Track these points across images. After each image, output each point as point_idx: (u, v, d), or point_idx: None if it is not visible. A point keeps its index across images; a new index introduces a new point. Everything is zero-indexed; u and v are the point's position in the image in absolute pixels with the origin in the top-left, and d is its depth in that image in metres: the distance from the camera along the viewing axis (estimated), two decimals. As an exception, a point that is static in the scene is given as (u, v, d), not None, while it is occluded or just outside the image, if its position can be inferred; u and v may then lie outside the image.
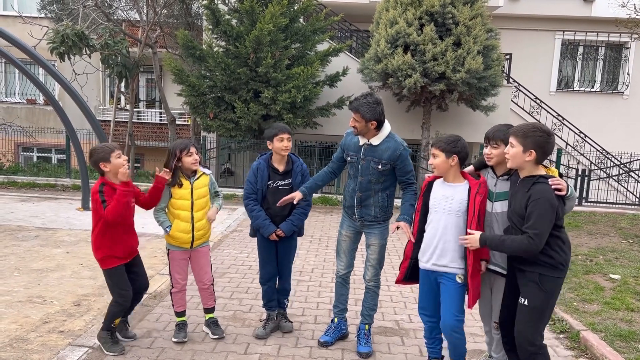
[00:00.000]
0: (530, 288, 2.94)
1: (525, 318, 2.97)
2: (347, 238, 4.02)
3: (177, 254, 4.03)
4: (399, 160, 3.72)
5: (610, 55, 16.06)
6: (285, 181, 4.09)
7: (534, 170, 2.91)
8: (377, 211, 3.85)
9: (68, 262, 6.00)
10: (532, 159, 2.86)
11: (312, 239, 7.80)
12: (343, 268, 4.06)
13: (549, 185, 2.83)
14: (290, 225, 4.10)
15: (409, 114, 12.47)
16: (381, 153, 3.71)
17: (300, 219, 4.16)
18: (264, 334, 4.19)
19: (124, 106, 17.31)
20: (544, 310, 2.95)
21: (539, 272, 2.91)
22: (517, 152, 2.88)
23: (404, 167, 3.76)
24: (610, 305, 5.04)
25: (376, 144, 3.72)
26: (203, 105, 11.50)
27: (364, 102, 3.61)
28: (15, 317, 4.32)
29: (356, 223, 3.95)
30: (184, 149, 3.88)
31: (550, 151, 2.89)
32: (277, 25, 10.57)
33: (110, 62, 12.16)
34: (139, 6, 13.33)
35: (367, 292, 4.02)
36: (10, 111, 17.46)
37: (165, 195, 3.95)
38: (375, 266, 3.94)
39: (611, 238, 8.39)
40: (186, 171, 3.95)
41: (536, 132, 2.85)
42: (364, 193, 3.82)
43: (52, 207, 9.39)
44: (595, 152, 14.25)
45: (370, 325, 4.05)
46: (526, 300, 2.94)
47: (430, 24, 10.74)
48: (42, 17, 14.72)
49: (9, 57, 8.62)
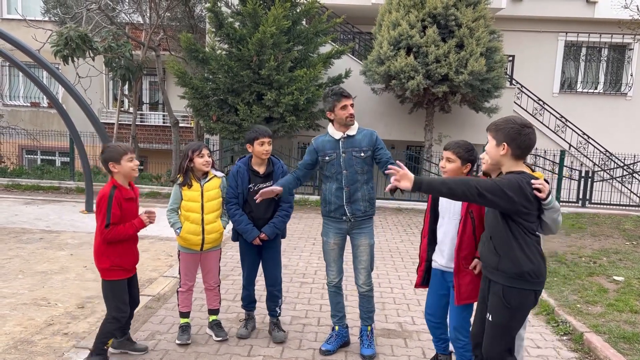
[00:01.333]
0: (494, 302, 2.72)
1: (489, 334, 2.76)
2: (335, 245, 3.96)
3: (187, 256, 4.05)
4: (377, 143, 3.84)
5: (613, 56, 16.03)
6: (267, 184, 4.01)
7: (514, 167, 2.70)
8: (365, 205, 3.86)
9: (72, 264, 6.02)
10: (506, 152, 2.66)
11: (315, 241, 7.81)
12: (335, 276, 4.01)
13: (525, 178, 2.61)
14: (273, 228, 4.05)
15: (411, 116, 12.47)
16: (360, 141, 3.81)
17: (283, 221, 4.11)
18: (246, 333, 4.20)
19: (127, 109, 17.37)
20: (509, 327, 2.72)
21: (502, 283, 2.67)
22: (492, 147, 2.75)
23: (384, 149, 3.85)
24: (614, 307, 5.03)
25: (353, 134, 3.82)
26: (206, 108, 11.52)
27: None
28: (19, 320, 4.34)
29: (344, 226, 3.89)
30: (196, 150, 3.90)
31: (526, 144, 2.66)
32: (279, 28, 10.59)
33: (114, 65, 12.22)
34: (142, 9, 13.38)
35: (362, 297, 3.97)
36: (15, 114, 17.54)
37: (177, 196, 3.96)
38: (367, 268, 3.91)
39: (615, 240, 8.37)
40: (197, 172, 3.95)
41: (508, 124, 2.68)
42: (352, 186, 3.81)
43: (56, 210, 9.42)
44: (598, 153, 14.23)
45: (372, 326, 4.03)
46: (490, 316, 2.73)
47: (433, 26, 10.75)
48: (45, 20, 14.78)
49: (13, 60, 8.67)
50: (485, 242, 2.84)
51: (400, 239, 8.09)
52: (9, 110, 17.57)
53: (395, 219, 9.92)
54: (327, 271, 4.05)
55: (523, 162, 2.75)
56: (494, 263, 2.71)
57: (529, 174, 2.68)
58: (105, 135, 8.82)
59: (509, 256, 2.64)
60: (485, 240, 2.83)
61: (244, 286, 4.27)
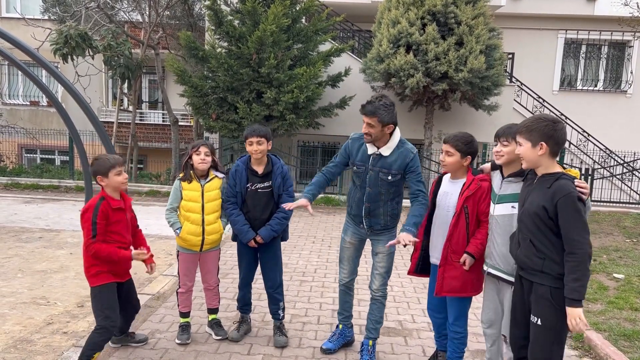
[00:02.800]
0: (543, 305, 2.62)
1: (539, 340, 2.64)
2: (351, 245, 3.85)
3: (186, 256, 4.02)
4: (410, 165, 3.50)
5: (613, 54, 16.01)
6: (265, 184, 3.91)
7: (552, 167, 2.65)
8: (386, 219, 3.67)
9: (71, 263, 6.01)
10: (545, 151, 2.60)
11: (315, 240, 7.80)
12: (347, 276, 3.91)
13: (572, 183, 2.57)
14: (269, 231, 3.89)
15: (411, 114, 12.46)
16: (391, 163, 3.51)
17: (281, 223, 3.94)
18: (237, 336, 4.08)
19: (126, 107, 17.36)
20: (562, 329, 2.61)
21: (549, 285, 2.60)
22: (527, 149, 2.65)
23: (416, 177, 3.51)
24: (614, 305, 5.03)
25: (386, 155, 3.52)
26: (206, 106, 11.51)
27: (381, 104, 3.38)
28: (19, 319, 4.33)
29: (362, 231, 3.78)
30: (195, 147, 3.88)
31: (562, 139, 2.63)
32: (279, 26, 10.58)
33: (113, 64, 12.20)
34: (142, 8, 13.36)
35: (373, 303, 3.81)
36: (14, 113, 17.53)
37: (177, 195, 3.92)
38: (383, 275, 3.74)
39: (615, 237, 8.37)
40: (197, 171, 3.92)
41: (540, 122, 2.61)
42: (372, 204, 3.61)
43: (56, 209, 9.41)
44: (598, 151, 14.22)
45: (374, 341, 3.85)
46: (539, 320, 2.63)
47: (433, 24, 10.73)
48: (45, 19, 14.77)
49: (12, 59, 8.63)
50: (521, 245, 2.74)
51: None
52: (8, 109, 17.56)
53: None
54: (340, 269, 3.95)
55: None
56: (537, 265, 2.64)
57: (570, 176, 2.64)
58: (105, 134, 8.78)
59: (553, 258, 2.60)
60: (523, 243, 2.73)
61: (240, 287, 4.18)
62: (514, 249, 2.83)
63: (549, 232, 2.61)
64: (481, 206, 3.16)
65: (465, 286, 3.24)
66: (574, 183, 2.59)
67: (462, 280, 3.22)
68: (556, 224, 2.57)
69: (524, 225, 2.72)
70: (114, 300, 3.43)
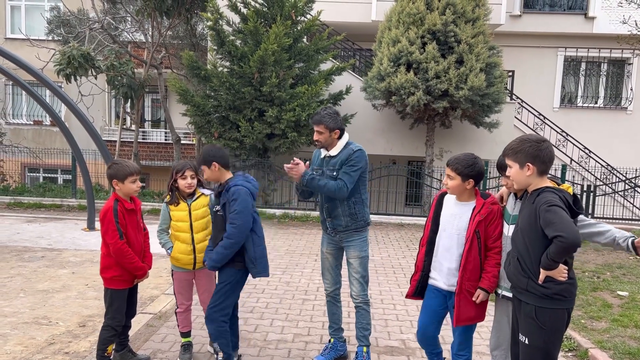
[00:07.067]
0: (528, 324, 2.64)
1: (526, 358, 2.67)
2: (329, 255, 4.05)
3: (180, 274, 4.02)
4: (347, 162, 3.75)
5: (612, 71, 16.10)
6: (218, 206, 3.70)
7: (541, 183, 2.70)
8: (346, 220, 3.86)
9: (73, 282, 6.00)
10: (532, 172, 2.66)
11: (317, 258, 7.78)
12: (329, 286, 4.08)
13: (557, 194, 2.60)
14: (209, 260, 3.69)
15: (412, 131, 12.51)
16: (336, 161, 3.82)
17: (219, 252, 3.59)
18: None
19: (129, 126, 17.47)
20: (547, 349, 2.62)
21: (534, 304, 2.61)
22: (516, 171, 2.72)
23: (346, 169, 3.73)
24: (619, 323, 4.99)
25: (334, 154, 3.84)
26: (208, 125, 11.59)
27: (326, 113, 3.79)
28: (20, 339, 4.32)
29: (333, 237, 3.97)
30: (179, 171, 3.82)
31: (548, 158, 2.67)
32: (281, 45, 10.69)
33: (116, 83, 12.30)
34: (145, 28, 13.52)
35: (357, 311, 3.98)
36: (17, 132, 17.63)
37: (166, 217, 3.95)
38: (360, 280, 3.90)
39: (618, 254, 8.33)
40: (183, 192, 3.91)
41: (524, 144, 2.68)
42: (330, 204, 3.88)
43: (58, 228, 9.42)
44: (600, 167, 14.22)
45: (368, 348, 3.96)
46: (526, 339, 2.65)
47: (433, 43, 10.83)
48: (49, 40, 14.93)
49: (16, 79, 8.74)
50: (511, 263, 2.76)
51: (402, 254, 8.06)
52: (12, 129, 17.66)
53: (398, 234, 9.89)
54: (323, 280, 4.15)
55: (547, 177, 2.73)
56: (522, 284, 2.66)
57: (558, 189, 2.66)
58: (108, 152, 8.85)
59: (538, 277, 2.59)
60: (512, 261, 2.75)
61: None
62: (506, 266, 2.87)
63: (537, 247, 2.59)
64: (489, 229, 3.10)
65: (479, 314, 3.22)
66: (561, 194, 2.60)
67: (477, 308, 3.18)
68: (544, 234, 2.55)
69: (514, 244, 2.77)
70: (122, 305, 3.68)
